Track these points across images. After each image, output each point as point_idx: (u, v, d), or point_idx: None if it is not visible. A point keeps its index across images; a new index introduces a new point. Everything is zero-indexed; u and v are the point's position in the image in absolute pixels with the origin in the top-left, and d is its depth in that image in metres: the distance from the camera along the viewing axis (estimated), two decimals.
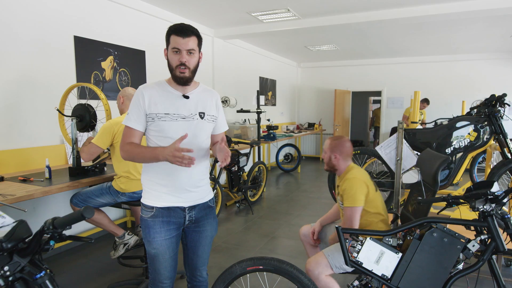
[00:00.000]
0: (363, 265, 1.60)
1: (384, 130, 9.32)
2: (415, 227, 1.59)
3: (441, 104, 8.38)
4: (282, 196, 5.75)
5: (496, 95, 3.38)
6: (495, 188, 1.49)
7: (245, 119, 6.76)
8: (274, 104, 8.65)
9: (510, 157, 3.34)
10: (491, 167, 3.51)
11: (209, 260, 1.97)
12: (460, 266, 1.53)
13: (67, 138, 3.13)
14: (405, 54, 8.36)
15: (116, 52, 4.12)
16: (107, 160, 3.09)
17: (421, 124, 6.46)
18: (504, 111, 3.37)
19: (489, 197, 1.47)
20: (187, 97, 1.68)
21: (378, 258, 1.59)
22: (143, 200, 1.73)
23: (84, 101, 3.11)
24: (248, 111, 6.10)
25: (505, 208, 1.59)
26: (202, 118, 1.71)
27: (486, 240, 1.50)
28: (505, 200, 1.47)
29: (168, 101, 1.66)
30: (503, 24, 5.50)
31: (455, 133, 3.39)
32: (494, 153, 3.88)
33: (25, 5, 3.19)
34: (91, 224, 3.06)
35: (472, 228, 1.55)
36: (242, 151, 5.13)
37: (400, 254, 1.58)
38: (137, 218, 3.03)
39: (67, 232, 1.16)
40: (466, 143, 3.37)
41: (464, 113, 4.77)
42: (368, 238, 1.61)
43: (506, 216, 1.50)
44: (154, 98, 1.65)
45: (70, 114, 2.85)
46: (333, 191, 4.10)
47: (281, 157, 8.45)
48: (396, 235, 1.64)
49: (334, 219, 2.48)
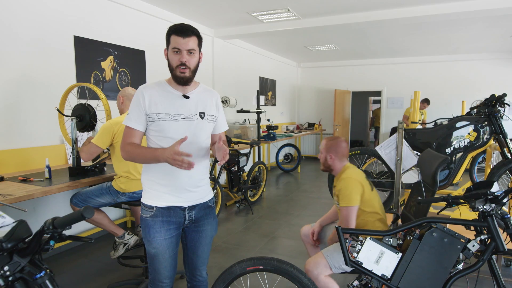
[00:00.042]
0: (363, 265, 1.60)
1: (384, 130, 9.32)
2: (415, 227, 1.59)
3: (441, 104, 8.38)
4: (282, 196, 5.75)
5: (496, 95, 3.38)
6: (495, 188, 1.49)
7: (245, 119, 6.76)
8: (274, 104, 8.65)
9: (510, 157, 3.34)
10: (491, 167, 3.51)
11: (209, 260, 1.97)
12: (460, 266, 1.53)
13: (67, 138, 3.14)
14: (405, 54, 8.36)
15: (116, 52, 4.12)
16: (107, 160, 3.09)
17: (421, 124, 6.45)
18: (504, 111, 3.37)
19: (489, 197, 1.47)
20: (187, 97, 1.68)
21: (378, 258, 1.59)
22: (143, 200, 1.74)
23: (84, 101, 3.11)
24: (248, 111, 6.10)
25: (505, 208, 1.59)
26: (202, 118, 1.71)
27: (486, 240, 1.50)
28: (505, 200, 1.47)
29: (168, 101, 1.66)
30: (503, 24, 5.50)
31: (455, 133, 3.39)
32: (494, 153, 3.88)
33: (25, 5, 3.19)
34: (91, 224, 3.06)
35: (472, 228, 1.55)
36: (242, 151, 5.13)
37: (400, 254, 1.58)
38: (137, 218, 3.03)
39: (67, 232, 1.16)
40: (466, 143, 3.37)
41: (464, 113, 4.77)
42: (368, 238, 1.61)
43: (506, 216, 1.50)
44: (155, 98, 1.65)
45: (70, 114, 2.85)
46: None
47: (281, 157, 8.45)
48: (396, 235, 1.64)
49: (334, 220, 2.48)
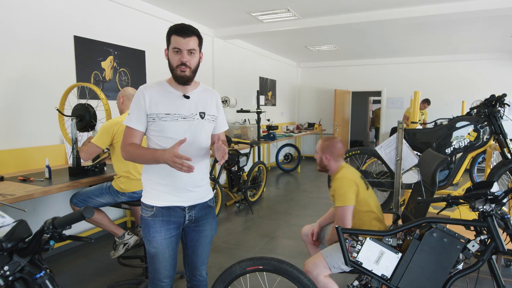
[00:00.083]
0: (363, 265, 1.60)
1: (384, 130, 9.32)
2: (415, 227, 1.59)
3: (441, 104, 8.38)
4: (282, 196, 5.75)
5: (496, 95, 3.38)
6: (495, 188, 1.49)
7: (245, 119, 6.76)
8: (274, 104, 8.65)
9: (510, 157, 3.34)
10: (491, 167, 3.51)
11: (209, 260, 1.97)
12: (460, 266, 1.53)
13: (67, 138, 3.14)
14: (405, 54, 8.36)
15: (116, 52, 4.12)
16: (107, 160, 3.09)
17: (421, 125, 6.45)
18: (504, 111, 3.37)
19: (489, 197, 1.47)
20: (188, 97, 1.68)
21: (378, 258, 1.59)
22: (144, 199, 1.74)
23: (84, 101, 3.11)
24: (248, 111, 6.10)
25: (505, 208, 1.59)
26: (203, 118, 1.71)
27: (486, 240, 1.50)
28: (505, 200, 1.47)
29: (169, 101, 1.66)
30: (503, 24, 5.50)
31: (455, 133, 3.38)
32: (494, 153, 3.88)
33: (25, 5, 3.19)
34: (91, 224, 3.06)
35: (472, 228, 1.56)
36: (242, 151, 5.13)
37: (400, 254, 1.58)
38: (137, 218, 3.03)
39: (67, 232, 1.16)
40: (466, 143, 3.37)
41: (464, 113, 4.77)
42: (368, 238, 1.61)
43: (506, 216, 1.50)
44: (155, 98, 1.65)
45: (70, 114, 2.85)
46: None
47: (281, 157, 8.45)
48: (396, 235, 1.64)
49: (333, 220, 2.48)
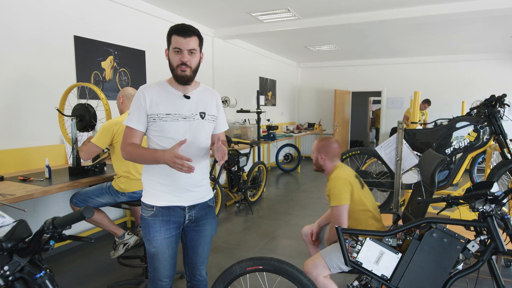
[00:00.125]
0: (363, 266, 1.60)
1: (384, 131, 9.32)
2: (415, 228, 1.59)
3: (441, 105, 8.38)
4: (282, 196, 5.75)
5: (496, 96, 3.38)
6: (495, 189, 1.49)
7: (245, 119, 6.76)
8: (274, 104, 8.65)
9: (510, 158, 3.34)
10: (491, 168, 3.51)
11: (209, 260, 1.97)
12: (460, 267, 1.53)
13: (67, 138, 3.14)
14: (405, 54, 8.36)
15: (116, 52, 4.12)
16: (107, 160, 3.09)
17: (421, 125, 6.45)
18: (504, 112, 3.36)
19: (489, 198, 1.47)
20: (188, 97, 1.69)
21: (378, 259, 1.59)
22: (144, 199, 1.74)
23: (84, 101, 3.11)
24: (248, 111, 6.10)
25: (505, 209, 1.59)
26: (203, 118, 1.71)
27: (486, 241, 1.50)
28: (505, 201, 1.47)
29: (169, 101, 1.66)
30: (503, 24, 5.50)
31: (455, 134, 3.38)
32: (494, 154, 3.88)
33: (25, 5, 3.19)
34: (91, 224, 3.06)
35: (472, 229, 1.56)
36: (242, 151, 5.13)
37: (400, 255, 1.58)
38: (137, 218, 3.03)
39: (67, 232, 1.16)
40: (466, 144, 3.36)
41: (464, 114, 4.77)
42: (368, 239, 1.61)
43: (506, 217, 1.50)
44: (155, 99, 1.65)
45: (70, 114, 2.85)
46: None
47: (281, 157, 8.45)
48: (396, 236, 1.64)
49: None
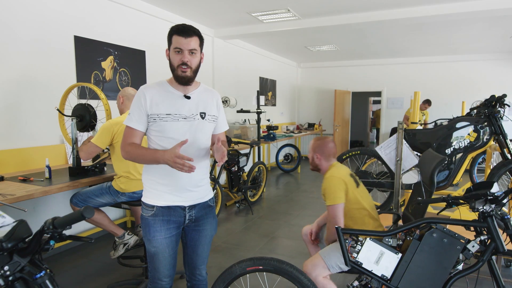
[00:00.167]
0: (363, 266, 1.60)
1: (384, 131, 9.32)
2: (415, 228, 1.59)
3: (441, 105, 8.37)
4: (282, 196, 5.75)
5: (496, 96, 3.38)
6: (495, 189, 1.49)
7: (245, 119, 6.76)
8: (274, 104, 8.65)
9: (510, 158, 3.34)
10: (491, 168, 3.51)
11: (209, 260, 1.97)
12: (460, 267, 1.54)
13: (67, 138, 3.14)
14: (405, 55, 8.36)
15: (116, 52, 4.12)
16: (107, 160, 3.09)
17: (421, 125, 6.45)
18: (504, 112, 3.36)
19: (489, 198, 1.47)
20: (189, 98, 1.69)
21: (378, 259, 1.59)
22: (144, 199, 1.74)
23: (84, 101, 3.11)
24: (248, 111, 6.10)
25: (505, 209, 1.59)
26: (203, 118, 1.71)
27: (486, 241, 1.50)
28: (505, 201, 1.47)
29: (170, 102, 1.66)
30: (503, 25, 5.50)
31: (455, 134, 3.38)
32: (494, 154, 3.88)
33: (25, 5, 3.19)
34: (91, 224, 3.06)
35: (472, 229, 1.56)
36: (242, 151, 5.13)
37: (400, 255, 1.59)
38: (137, 218, 3.03)
39: (67, 232, 1.16)
40: (466, 144, 3.36)
41: (464, 114, 4.77)
42: (368, 239, 1.61)
43: (506, 217, 1.50)
44: (156, 99, 1.65)
45: (70, 114, 2.86)
46: None
47: (281, 157, 8.45)
48: (396, 236, 1.64)
49: None
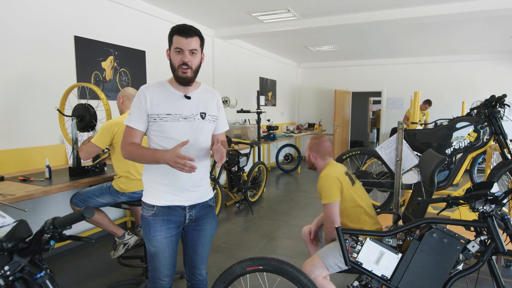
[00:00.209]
0: (363, 266, 1.60)
1: (384, 131, 9.32)
2: (415, 228, 1.59)
3: (441, 105, 8.37)
4: (282, 197, 5.75)
5: (496, 96, 3.38)
6: (495, 189, 1.49)
7: (245, 119, 6.76)
8: (274, 104, 8.65)
9: (510, 158, 3.34)
10: (491, 168, 3.51)
11: (209, 260, 1.97)
12: (460, 267, 1.54)
13: (67, 138, 3.14)
14: (405, 55, 8.36)
15: (117, 52, 4.12)
16: (107, 160, 3.09)
17: (421, 125, 6.45)
18: (504, 112, 3.36)
19: (489, 198, 1.47)
20: (189, 98, 1.69)
21: (378, 259, 1.59)
22: (144, 199, 1.74)
23: (84, 101, 3.11)
24: (248, 112, 6.10)
25: (505, 209, 1.59)
26: (204, 119, 1.71)
27: (486, 241, 1.50)
28: (505, 201, 1.47)
29: (170, 102, 1.66)
30: (503, 25, 5.50)
31: (455, 134, 3.38)
32: (494, 154, 3.88)
33: (25, 5, 3.19)
34: (91, 224, 3.06)
35: (472, 229, 1.56)
36: (242, 151, 5.13)
37: (400, 255, 1.59)
38: (137, 218, 3.03)
39: (67, 232, 1.16)
40: (466, 144, 3.36)
41: (464, 114, 4.77)
42: (368, 239, 1.61)
43: (506, 217, 1.50)
44: (156, 99, 1.65)
45: (70, 114, 2.86)
46: None
47: (281, 158, 8.45)
48: (396, 236, 1.64)
49: None
